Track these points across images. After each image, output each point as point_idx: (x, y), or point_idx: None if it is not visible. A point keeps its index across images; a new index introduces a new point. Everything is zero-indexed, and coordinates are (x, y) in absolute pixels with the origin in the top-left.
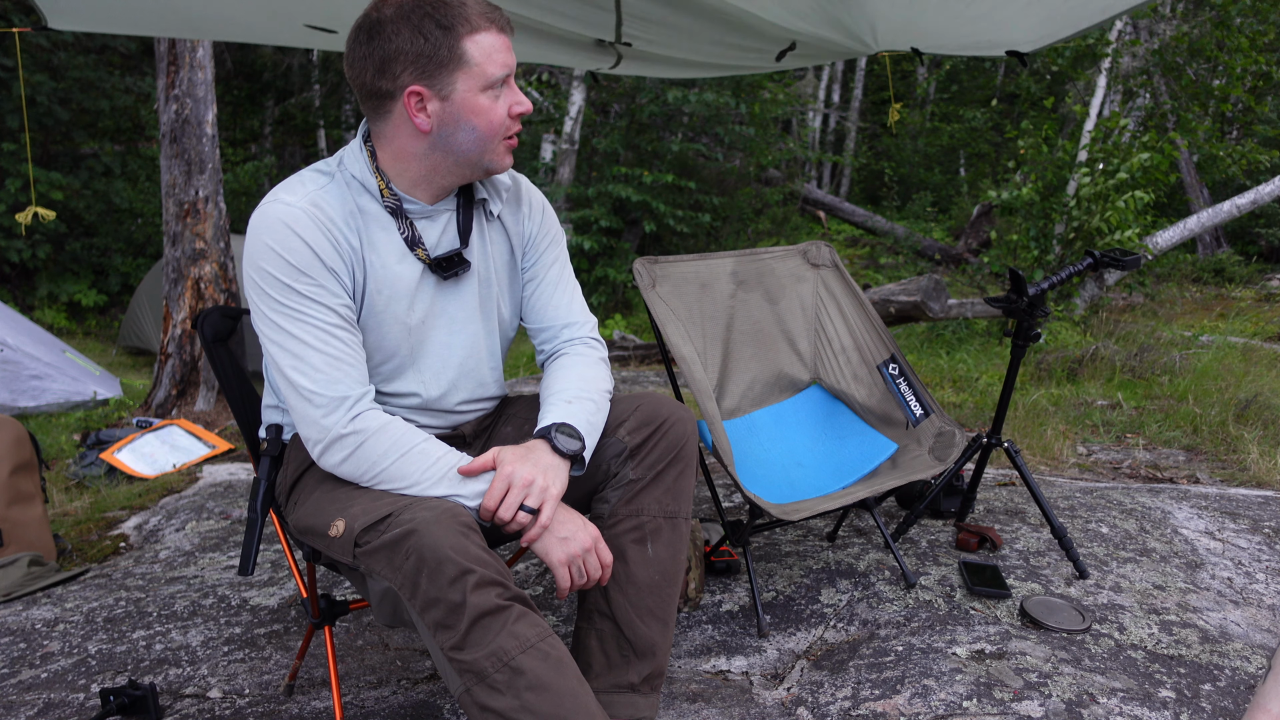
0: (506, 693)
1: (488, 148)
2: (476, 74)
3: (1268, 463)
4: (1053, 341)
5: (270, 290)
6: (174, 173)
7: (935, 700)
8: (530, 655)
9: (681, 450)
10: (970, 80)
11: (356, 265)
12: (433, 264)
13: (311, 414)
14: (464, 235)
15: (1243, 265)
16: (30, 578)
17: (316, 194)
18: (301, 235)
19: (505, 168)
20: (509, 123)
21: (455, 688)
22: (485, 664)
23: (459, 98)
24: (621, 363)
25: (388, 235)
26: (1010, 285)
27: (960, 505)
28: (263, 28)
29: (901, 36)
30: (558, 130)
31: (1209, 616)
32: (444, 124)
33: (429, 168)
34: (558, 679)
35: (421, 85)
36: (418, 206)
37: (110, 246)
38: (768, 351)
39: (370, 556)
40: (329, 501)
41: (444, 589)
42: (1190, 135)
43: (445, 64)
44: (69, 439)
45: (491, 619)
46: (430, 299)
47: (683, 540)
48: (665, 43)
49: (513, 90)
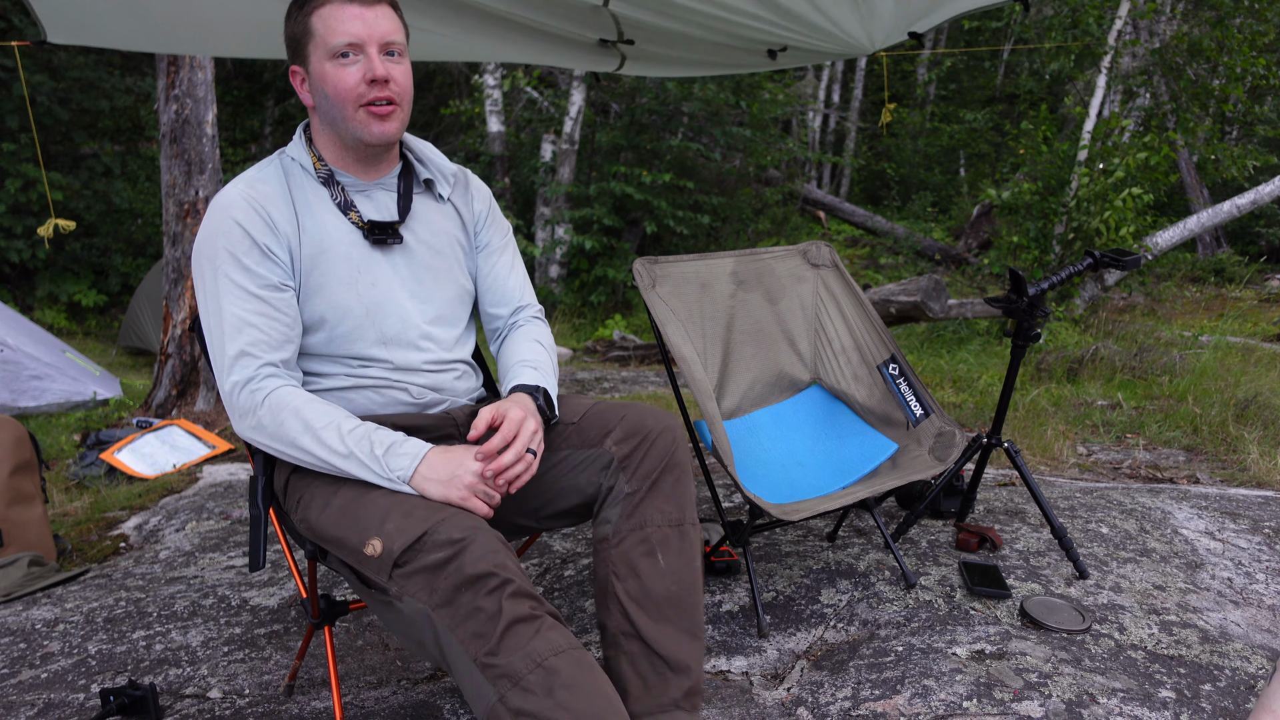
0: (540, 693)
1: (345, 113)
2: (320, 44)
3: (1268, 463)
4: (1053, 341)
5: (205, 269)
6: (174, 173)
7: (935, 700)
8: (563, 658)
9: (673, 457)
10: (970, 80)
11: (293, 234)
12: (367, 228)
13: (221, 370)
14: (402, 210)
15: (1243, 265)
16: (30, 578)
17: (254, 178)
18: (235, 218)
19: (377, 135)
20: (363, 89)
21: (488, 699)
22: (519, 665)
23: (314, 68)
24: (621, 363)
25: (322, 202)
26: (1010, 285)
27: (960, 505)
28: (260, 46)
29: (896, 26)
30: (558, 130)
31: (1209, 617)
32: (315, 95)
33: (332, 139)
34: (591, 680)
35: (296, 64)
36: (350, 179)
37: (110, 246)
38: (768, 351)
39: (409, 579)
40: (356, 509)
41: (482, 599)
42: (1190, 135)
43: (303, 40)
44: (69, 439)
45: (525, 625)
46: (375, 264)
47: (694, 548)
48: (665, 41)
49: (370, 59)
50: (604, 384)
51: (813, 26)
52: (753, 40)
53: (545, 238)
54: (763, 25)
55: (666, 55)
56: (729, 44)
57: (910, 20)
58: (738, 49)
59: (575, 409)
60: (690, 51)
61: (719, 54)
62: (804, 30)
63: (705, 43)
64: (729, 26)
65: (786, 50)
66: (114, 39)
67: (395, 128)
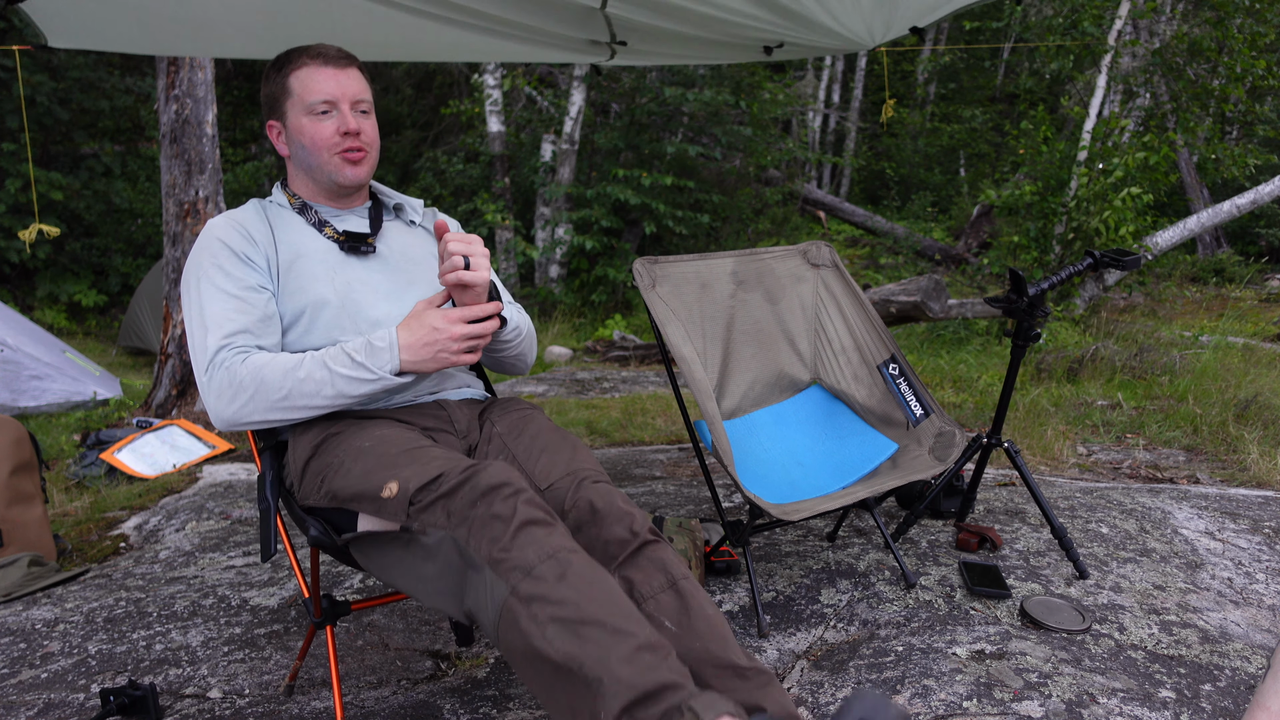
0: (552, 579)
1: (322, 160)
2: (298, 101)
3: (1268, 463)
4: (1053, 341)
5: (190, 283)
6: (174, 173)
7: (935, 700)
8: (576, 555)
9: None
10: (970, 80)
11: (269, 244)
12: (342, 239)
13: (201, 366)
14: (374, 227)
15: (1243, 265)
16: (30, 578)
17: (237, 212)
18: (216, 236)
19: (351, 178)
20: (337, 139)
21: (500, 595)
22: (531, 556)
23: (291, 122)
24: (622, 363)
25: (299, 224)
26: (1010, 285)
27: (960, 505)
28: (261, 46)
29: (897, 20)
30: (558, 130)
31: (1209, 616)
32: (292, 145)
33: (306, 182)
34: (603, 577)
35: (273, 119)
36: (324, 208)
37: (110, 246)
38: (768, 351)
39: (426, 511)
40: (376, 467)
41: (497, 505)
42: (1190, 135)
43: (280, 98)
44: (69, 439)
45: (538, 528)
46: (350, 267)
47: (697, 599)
48: (659, 39)
49: (344, 114)
50: (604, 384)
51: (811, 24)
52: (749, 38)
53: (545, 238)
54: (761, 25)
55: (659, 52)
56: (725, 40)
57: (913, 16)
58: (733, 45)
59: (548, 472)
60: (684, 48)
61: (714, 50)
62: (802, 28)
63: (700, 40)
64: (725, 26)
65: (784, 45)
66: (115, 42)
67: (365, 171)
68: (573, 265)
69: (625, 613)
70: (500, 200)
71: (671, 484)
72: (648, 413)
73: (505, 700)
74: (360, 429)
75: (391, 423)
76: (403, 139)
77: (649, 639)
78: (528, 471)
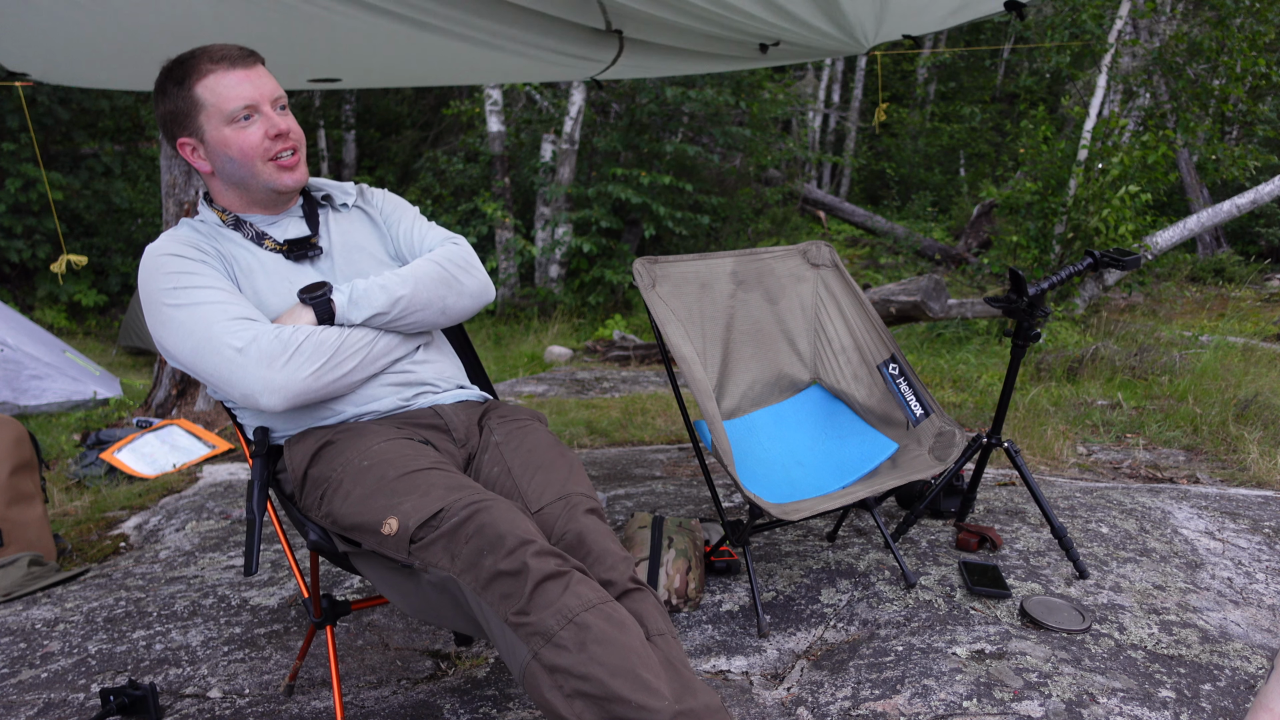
0: (573, 649)
1: (255, 170)
2: (215, 112)
3: (1268, 463)
4: (1053, 341)
5: (157, 310)
6: (174, 173)
7: (935, 700)
8: (594, 613)
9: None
10: (970, 80)
11: (220, 261)
12: (285, 249)
13: (246, 363)
14: (313, 226)
15: (1243, 265)
16: (30, 578)
17: (174, 232)
18: (164, 253)
19: (288, 184)
20: (267, 144)
21: (521, 658)
22: (551, 622)
23: (211, 135)
24: (622, 362)
25: (237, 241)
26: (1010, 285)
27: (960, 505)
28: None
29: (891, 25)
30: (558, 130)
31: (1209, 616)
32: (214, 160)
33: (237, 195)
34: (622, 635)
35: (184, 136)
36: (257, 217)
37: (110, 246)
38: (768, 351)
39: (427, 550)
40: (376, 495)
41: (505, 560)
42: (1190, 135)
43: (190, 113)
44: (69, 439)
45: (553, 582)
46: (302, 275)
47: (676, 655)
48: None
49: (268, 116)
50: (604, 383)
51: (807, 24)
52: (744, 32)
53: (545, 238)
54: (757, 24)
55: (656, 44)
56: (720, 34)
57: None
58: (729, 40)
59: (540, 493)
60: (680, 40)
61: (710, 45)
62: (797, 27)
63: (695, 33)
64: (720, 19)
65: (779, 45)
66: (103, 80)
67: (303, 173)
68: (572, 265)
69: (648, 685)
70: (500, 200)
71: (671, 484)
72: (648, 412)
73: (505, 700)
74: (358, 438)
75: (389, 432)
76: (403, 139)
77: (672, 712)
78: (521, 488)
